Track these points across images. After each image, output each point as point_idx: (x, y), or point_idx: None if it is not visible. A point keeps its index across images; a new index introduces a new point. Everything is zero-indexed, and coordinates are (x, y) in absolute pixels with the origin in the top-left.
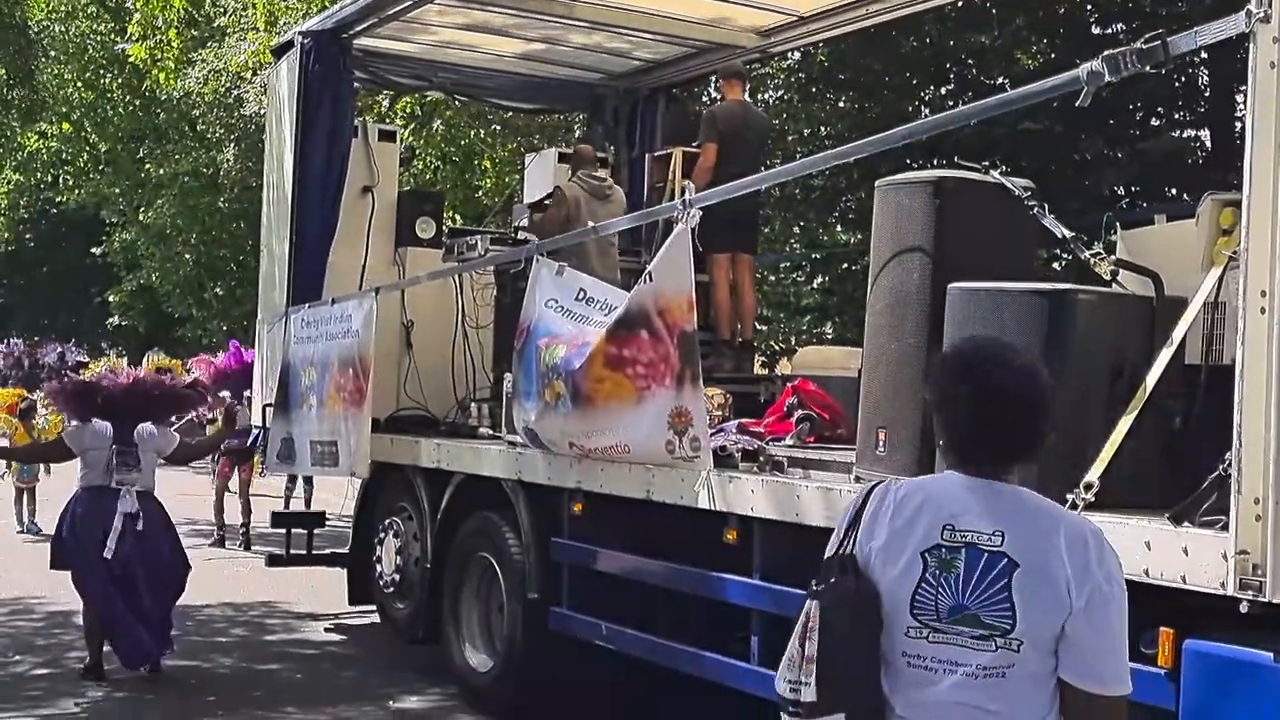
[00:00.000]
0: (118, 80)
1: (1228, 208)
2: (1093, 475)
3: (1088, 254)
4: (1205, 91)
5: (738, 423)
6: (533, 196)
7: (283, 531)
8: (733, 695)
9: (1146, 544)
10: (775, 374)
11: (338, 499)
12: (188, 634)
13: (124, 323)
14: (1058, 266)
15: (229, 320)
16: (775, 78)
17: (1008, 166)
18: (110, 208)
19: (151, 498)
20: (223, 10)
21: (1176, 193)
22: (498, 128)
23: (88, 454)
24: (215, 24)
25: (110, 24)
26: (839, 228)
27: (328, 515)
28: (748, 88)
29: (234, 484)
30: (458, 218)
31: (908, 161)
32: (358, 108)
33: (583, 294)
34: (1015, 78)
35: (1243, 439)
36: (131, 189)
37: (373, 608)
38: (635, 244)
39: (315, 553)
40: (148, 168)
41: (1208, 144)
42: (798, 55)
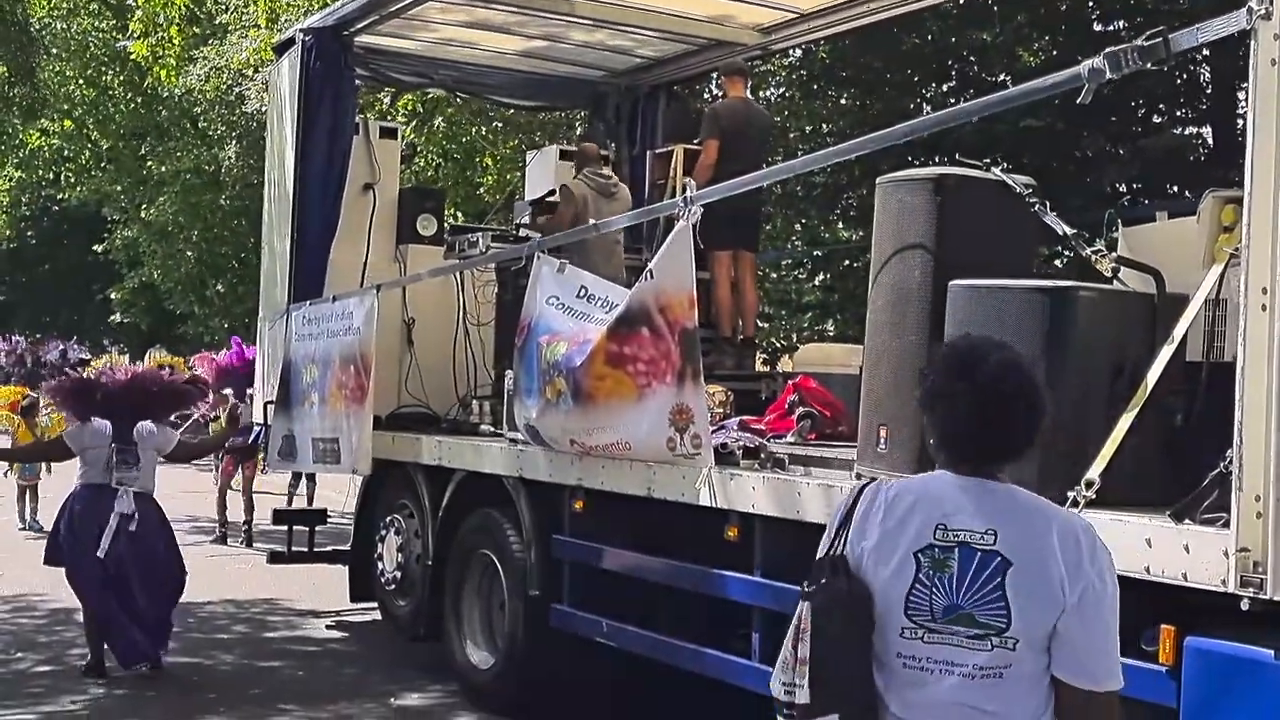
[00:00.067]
0: (119, 77)
1: (1229, 205)
2: (1094, 472)
3: (1089, 251)
4: (1207, 88)
5: (739, 420)
6: (534, 193)
7: (284, 529)
8: (734, 692)
9: (1147, 541)
10: (776, 371)
11: (340, 496)
12: (189, 631)
13: (126, 320)
14: (1059, 264)
15: (230, 318)
16: (776, 75)
17: (1009, 164)
18: (112, 205)
19: (149, 499)
20: (224, 7)
21: (1178, 190)
22: (499, 125)
23: (87, 453)
24: (217, 21)
25: (112, 21)
26: (840, 225)
27: (329, 512)
28: (749, 85)
29: (237, 481)
30: (459, 215)
31: (909, 159)
32: (359, 105)
33: (584, 291)
34: (1016, 75)
35: (1243, 436)
36: (133, 186)
37: (374, 605)
38: (636, 241)
39: (317, 550)
40: (149, 165)
41: (1209, 141)
42: (799, 52)
